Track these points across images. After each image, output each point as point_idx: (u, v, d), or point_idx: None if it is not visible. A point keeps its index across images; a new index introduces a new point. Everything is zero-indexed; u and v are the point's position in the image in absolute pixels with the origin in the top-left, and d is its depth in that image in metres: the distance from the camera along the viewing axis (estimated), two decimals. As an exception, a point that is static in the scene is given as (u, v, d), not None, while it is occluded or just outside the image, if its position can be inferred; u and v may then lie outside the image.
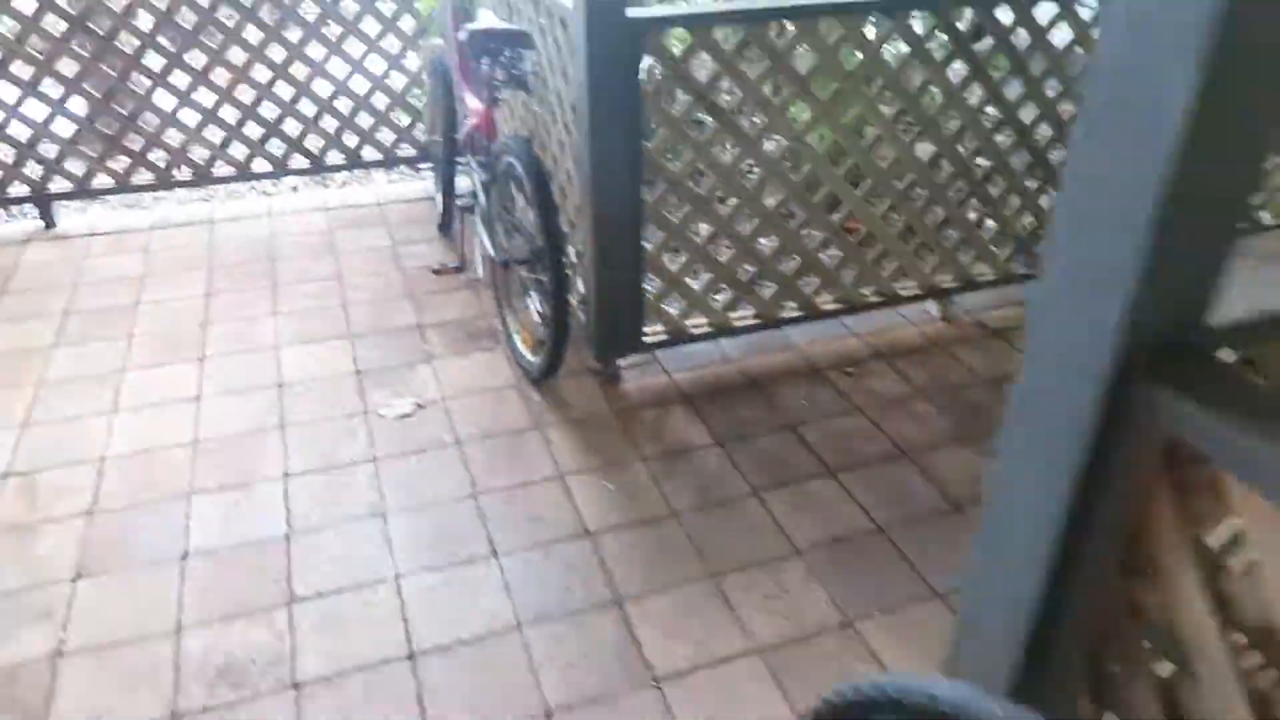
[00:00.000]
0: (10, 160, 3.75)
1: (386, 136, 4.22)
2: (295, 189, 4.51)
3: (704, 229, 2.83)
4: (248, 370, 2.94)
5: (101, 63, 3.67)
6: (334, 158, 4.20)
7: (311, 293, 3.42)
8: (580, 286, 2.90)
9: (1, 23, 3.52)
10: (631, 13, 2.32)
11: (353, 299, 3.38)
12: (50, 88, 3.65)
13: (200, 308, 3.30)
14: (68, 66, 3.63)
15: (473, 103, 3.03)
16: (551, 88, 2.87)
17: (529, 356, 2.86)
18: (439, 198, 3.88)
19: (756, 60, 2.68)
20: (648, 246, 2.73)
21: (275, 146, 4.06)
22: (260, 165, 4.08)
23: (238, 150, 4.02)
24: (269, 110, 3.99)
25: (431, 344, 3.10)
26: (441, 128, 3.52)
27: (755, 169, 2.78)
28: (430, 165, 4.07)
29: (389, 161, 4.29)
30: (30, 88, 3.62)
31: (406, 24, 4.02)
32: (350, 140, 4.17)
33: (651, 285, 2.82)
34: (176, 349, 3.05)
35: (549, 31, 2.77)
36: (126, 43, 3.76)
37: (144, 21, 3.65)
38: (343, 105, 4.07)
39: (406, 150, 4.27)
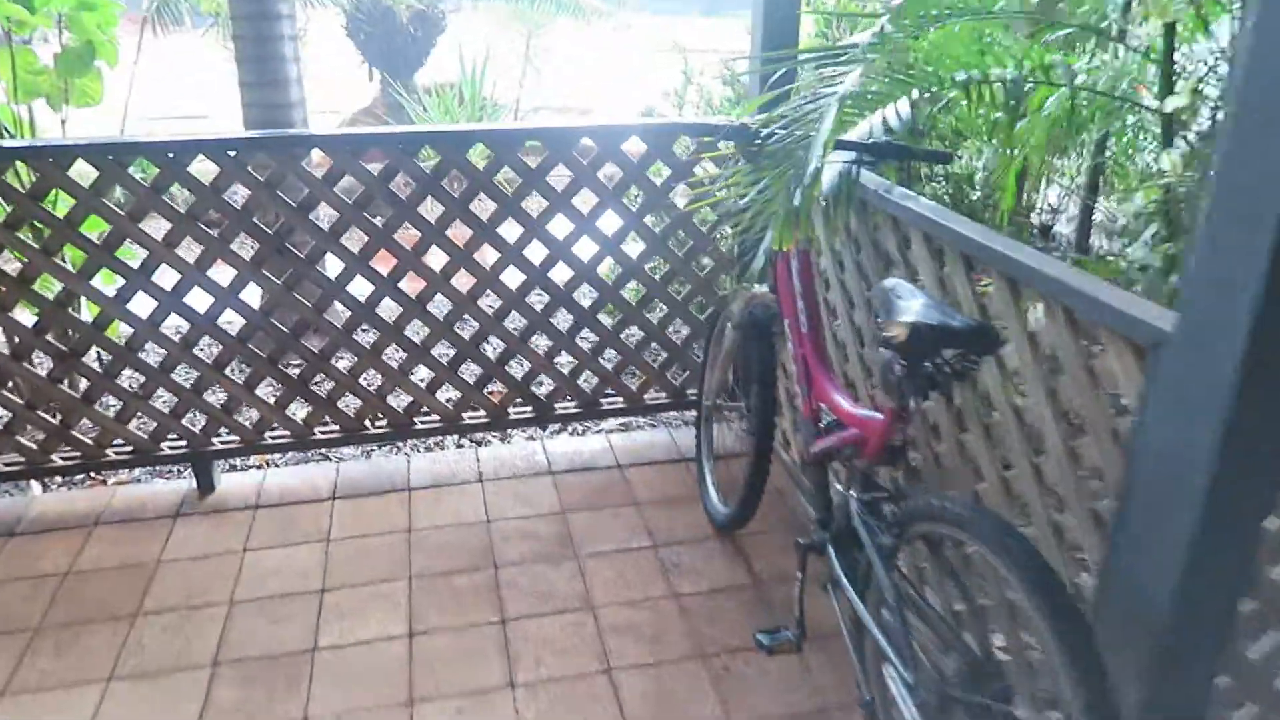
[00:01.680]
0: (168, 409, 2.90)
1: (630, 377, 3.24)
2: (507, 432, 3.55)
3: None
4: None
5: (295, 291, 2.82)
6: (563, 404, 3.21)
7: (557, 639, 2.34)
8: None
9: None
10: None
11: (617, 654, 2.29)
12: (229, 318, 2.82)
13: (403, 663, 2.26)
14: (250, 292, 2.80)
15: (848, 408, 1.96)
16: (999, 408, 1.78)
17: None
18: (708, 470, 2.83)
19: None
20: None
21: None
22: (473, 415, 3.14)
23: (447, 394, 3.09)
24: (489, 346, 3.07)
25: (764, 780, 1.95)
26: (752, 403, 2.47)
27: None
28: (696, 428, 3.00)
29: (632, 410, 3.28)
30: (209, 321, 2.79)
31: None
32: (587, 380, 3.19)
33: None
34: (374, 758, 2.00)
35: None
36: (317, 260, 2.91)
37: (354, 240, 2.79)
38: (583, 339, 3.12)
39: (656, 397, 3.26)
